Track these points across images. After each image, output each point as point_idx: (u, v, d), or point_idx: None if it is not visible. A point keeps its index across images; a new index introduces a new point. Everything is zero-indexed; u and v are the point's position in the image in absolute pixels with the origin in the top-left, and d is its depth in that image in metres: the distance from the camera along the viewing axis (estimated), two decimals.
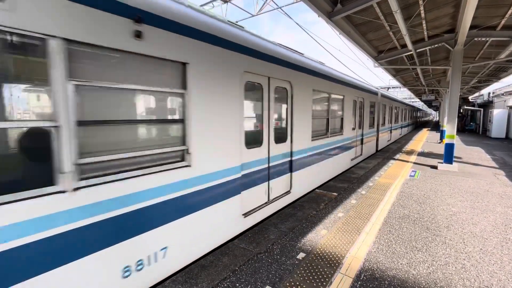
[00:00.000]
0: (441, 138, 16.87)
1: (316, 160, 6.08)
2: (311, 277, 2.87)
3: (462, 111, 27.22)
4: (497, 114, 19.36)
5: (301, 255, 3.30)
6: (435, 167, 8.55)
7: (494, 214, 4.68)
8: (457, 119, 8.58)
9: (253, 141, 4.12)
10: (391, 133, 15.93)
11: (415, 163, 9.30)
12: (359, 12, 6.94)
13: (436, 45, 9.58)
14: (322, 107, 6.50)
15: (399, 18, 6.54)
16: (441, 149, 12.56)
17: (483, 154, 11.56)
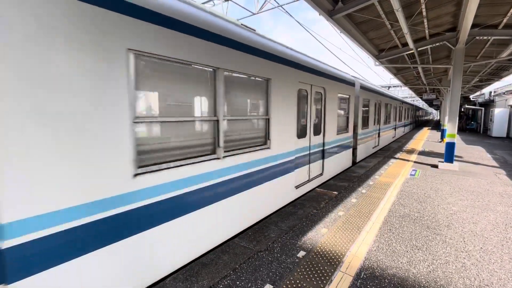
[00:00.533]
0: (442, 137, 16.84)
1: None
2: (311, 276, 2.88)
3: (463, 110, 27.16)
4: (498, 113, 19.31)
5: (301, 254, 3.30)
6: (435, 166, 8.54)
7: (494, 213, 4.68)
8: (457, 119, 8.56)
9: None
10: (379, 137, 12.67)
11: (415, 162, 9.29)
12: (360, 10, 6.91)
13: (437, 44, 9.51)
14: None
15: (400, 16, 6.50)
16: (441, 148, 12.56)
17: (484, 153, 11.54)
